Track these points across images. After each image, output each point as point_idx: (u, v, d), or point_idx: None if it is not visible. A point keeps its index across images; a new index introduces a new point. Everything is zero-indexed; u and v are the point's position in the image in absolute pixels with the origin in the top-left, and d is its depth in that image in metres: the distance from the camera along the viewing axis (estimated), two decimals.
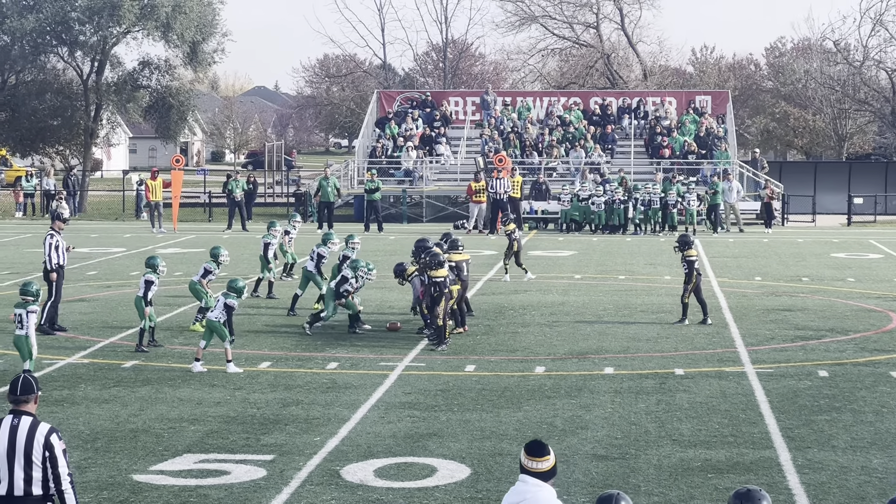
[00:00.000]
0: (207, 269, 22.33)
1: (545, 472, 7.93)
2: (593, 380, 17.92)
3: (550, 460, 7.96)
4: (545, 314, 24.02)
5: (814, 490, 12.62)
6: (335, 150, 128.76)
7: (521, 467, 7.99)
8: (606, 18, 76.92)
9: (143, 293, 20.18)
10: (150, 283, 20.25)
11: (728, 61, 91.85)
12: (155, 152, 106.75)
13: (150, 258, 20.92)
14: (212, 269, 22.33)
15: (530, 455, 7.96)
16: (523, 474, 7.96)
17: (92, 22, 52.67)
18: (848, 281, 29.06)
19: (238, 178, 45.80)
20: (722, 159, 48.28)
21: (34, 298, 17.17)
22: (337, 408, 16.15)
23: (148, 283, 20.23)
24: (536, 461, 7.94)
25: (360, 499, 12.36)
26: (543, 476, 7.92)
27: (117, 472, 13.26)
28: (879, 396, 16.85)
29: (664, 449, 14.13)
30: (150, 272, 20.41)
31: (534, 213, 45.39)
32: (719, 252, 35.66)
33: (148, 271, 20.48)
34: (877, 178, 52.62)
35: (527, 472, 7.95)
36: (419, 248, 21.97)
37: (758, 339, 21.28)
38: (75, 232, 42.14)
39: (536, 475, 7.91)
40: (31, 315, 16.97)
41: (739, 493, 7.33)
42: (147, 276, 20.31)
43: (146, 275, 20.38)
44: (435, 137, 51.30)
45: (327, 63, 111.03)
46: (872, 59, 70.96)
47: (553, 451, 8.02)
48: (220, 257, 22.42)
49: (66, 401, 16.55)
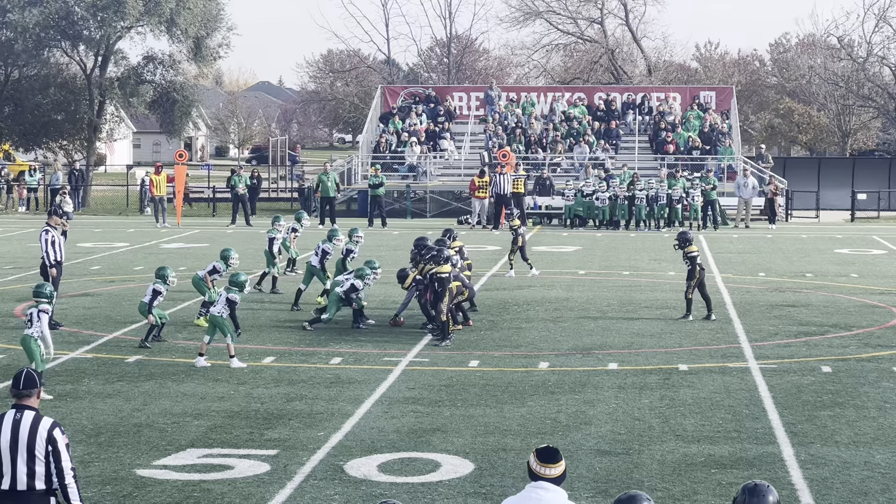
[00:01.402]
0: (216, 268, 22.30)
1: (557, 477, 7.91)
2: (597, 375, 17.93)
3: (562, 465, 7.94)
4: (549, 310, 24.02)
5: (817, 485, 12.62)
6: (339, 146, 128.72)
7: (532, 473, 7.92)
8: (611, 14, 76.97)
9: (148, 300, 20.11)
10: (158, 293, 20.14)
11: (732, 57, 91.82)
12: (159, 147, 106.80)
13: (160, 269, 20.74)
14: (220, 268, 22.30)
15: (544, 462, 7.91)
16: (538, 481, 7.88)
17: (96, 17, 52.67)
18: (851, 277, 29.05)
19: (241, 173, 45.80)
20: (726, 155, 48.27)
21: (48, 300, 17.02)
22: (340, 403, 16.16)
23: (155, 292, 20.10)
24: (550, 467, 7.91)
25: (364, 494, 12.37)
26: (555, 482, 7.90)
27: (121, 466, 13.27)
28: (882, 392, 16.85)
29: (668, 444, 14.13)
30: (160, 283, 20.27)
31: (538, 208, 45.37)
32: (723, 248, 35.64)
33: (157, 281, 20.35)
34: (880, 174, 52.61)
35: (538, 477, 7.90)
36: (419, 247, 22.03)
37: (761, 334, 21.27)
38: (79, 227, 42.17)
39: (550, 481, 7.88)
40: (43, 315, 16.77)
41: (747, 487, 7.42)
42: (156, 286, 20.15)
43: (155, 284, 20.24)
44: (439, 133, 51.31)
45: (331, 58, 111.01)
46: (876, 56, 70.94)
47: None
48: (230, 259, 22.36)
49: (69, 395, 16.56)
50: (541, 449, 8.02)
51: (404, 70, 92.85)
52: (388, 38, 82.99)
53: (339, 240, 24.45)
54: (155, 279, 20.48)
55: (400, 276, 22.11)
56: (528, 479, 7.95)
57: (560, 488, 7.88)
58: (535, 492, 7.86)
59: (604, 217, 42.81)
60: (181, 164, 46.24)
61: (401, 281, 22.06)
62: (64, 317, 22.31)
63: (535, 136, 50.35)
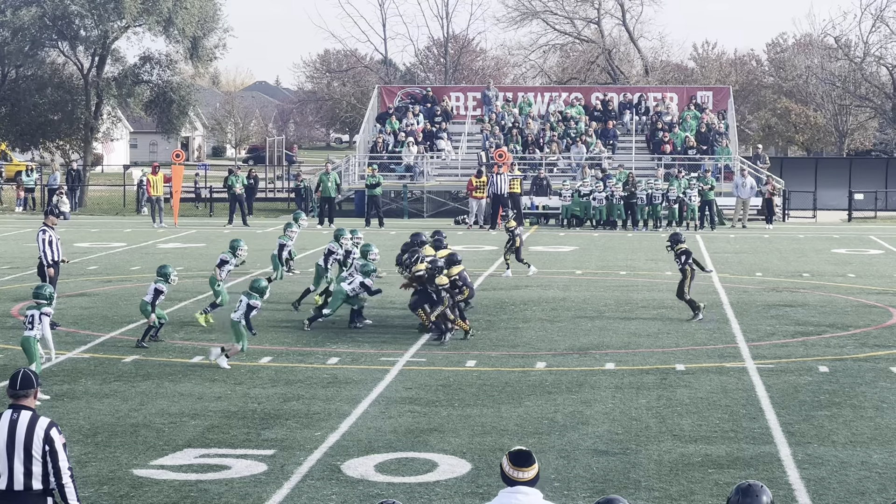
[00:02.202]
0: (224, 260, 22.36)
1: (531, 479, 7.88)
2: (594, 375, 17.93)
3: (536, 468, 7.91)
4: (546, 310, 24.03)
5: (814, 485, 12.62)
6: (336, 146, 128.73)
7: (507, 478, 7.86)
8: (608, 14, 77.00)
9: (150, 300, 20.07)
10: (160, 292, 20.09)
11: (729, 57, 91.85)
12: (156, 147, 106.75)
13: (161, 267, 20.67)
14: (228, 259, 22.37)
15: (518, 466, 7.85)
16: (514, 485, 7.81)
17: (93, 16, 52.64)
18: (848, 277, 29.06)
19: (238, 173, 45.79)
20: (723, 155, 48.28)
21: (48, 301, 16.97)
22: (337, 403, 16.16)
23: (157, 291, 20.06)
24: (524, 471, 7.86)
25: (361, 494, 12.37)
26: (529, 484, 7.87)
27: (118, 466, 13.27)
28: (879, 392, 16.86)
29: (665, 444, 14.14)
30: (162, 281, 20.21)
31: (535, 208, 45.38)
32: (720, 248, 35.66)
33: (159, 280, 20.30)
34: (877, 174, 52.65)
35: (513, 481, 7.84)
36: (412, 244, 22.34)
37: (758, 334, 21.28)
38: (76, 227, 42.17)
39: (524, 484, 7.84)
40: (45, 317, 16.70)
41: (741, 487, 7.40)
42: (158, 285, 20.10)
43: (157, 283, 20.19)
44: (436, 133, 51.31)
45: (328, 58, 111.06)
46: (873, 56, 70.95)
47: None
48: (238, 249, 22.47)
49: (66, 395, 16.55)
50: (513, 452, 7.95)
51: (401, 70, 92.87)
52: (385, 38, 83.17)
53: (347, 239, 24.27)
54: (157, 277, 20.44)
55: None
56: (503, 483, 7.91)
57: (535, 489, 7.86)
58: (513, 496, 7.80)
59: (601, 217, 42.82)
60: (178, 164, 46.23)
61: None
62: (61, 317, 22.29)
63: (532, 136, 50.36)
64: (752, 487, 7.35)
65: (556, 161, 49.11)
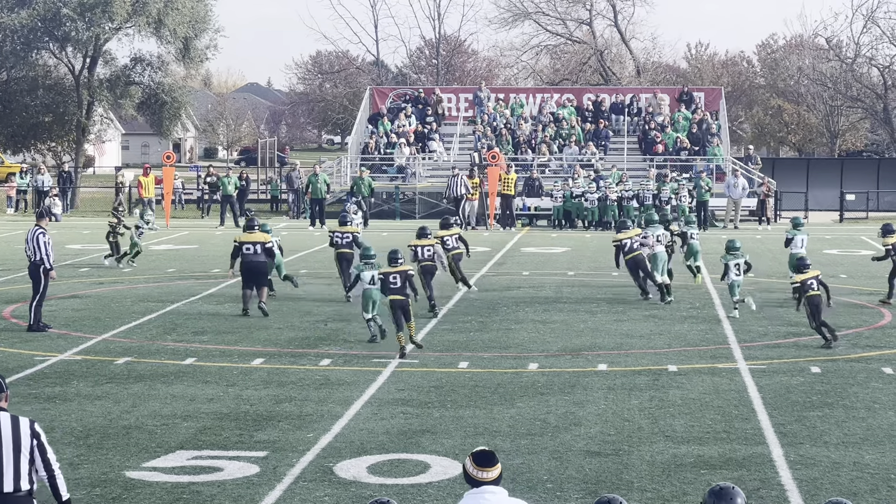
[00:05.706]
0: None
1: (495, 479, 7.87)
2: (586, 376, 17.93)
3: (499, 467, 7.90)
4: (538, 311, 24.03)
5: (806, 486, 12.63)
6: (328, 147, 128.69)
7: (471, 479, 7.83)
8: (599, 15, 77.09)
9: None
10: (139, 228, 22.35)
11: (721, 58, 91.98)
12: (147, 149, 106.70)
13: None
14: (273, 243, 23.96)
15: (482, 466, 7.84)
16: (482, 486, 7.79)
17: (84, 18, 52.57)
18: (840, 277, 29.08)
19: (230, 175, 45.75)
20: (715, 156, 48.29)
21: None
22: (330, 404, 16.14)
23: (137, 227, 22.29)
24: (488, 471, 7.85)
25: (353, 495, 12.35)
26: (493, 484, 7.85)
27: (110, 468, 13.23)
28: (871, 392, 16.87)
29: (657, 445, 14.13)
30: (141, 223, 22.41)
31: (527, 209, 45.38)
32: (712, 248, 35.60)
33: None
34: (869, 174, 52.74)
35: (478, 482, 7.81)
36: (421, 235, 23.96)
37: (750, 335, 21.29)
38: (68, 229, 42.09)
39: (488, 485, 7.82)
40: None
41: (713, 490, 7.19)
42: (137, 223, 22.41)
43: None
44: (428, 134, 51.28)
45: (320, 60, 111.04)
46: (864, 56, 71.09)
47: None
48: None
49: (58, 397, 16.52)
50: (477, 453, 7.95)
51: (393, 72, 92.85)
52: (376, 40, 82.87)
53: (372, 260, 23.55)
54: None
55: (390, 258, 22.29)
56: (466, 484, 7.90)
57: (500, 487, 7.85)
58: (480, 497, 7.77)
59: (593, 218, 42.82)
60: (169, 165, 46.22)
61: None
62: (52, 319, 22.26)
63: (524, 137, 50.36)
64: (725, 490, 7.15)
65: (547, 162, 49.11)
